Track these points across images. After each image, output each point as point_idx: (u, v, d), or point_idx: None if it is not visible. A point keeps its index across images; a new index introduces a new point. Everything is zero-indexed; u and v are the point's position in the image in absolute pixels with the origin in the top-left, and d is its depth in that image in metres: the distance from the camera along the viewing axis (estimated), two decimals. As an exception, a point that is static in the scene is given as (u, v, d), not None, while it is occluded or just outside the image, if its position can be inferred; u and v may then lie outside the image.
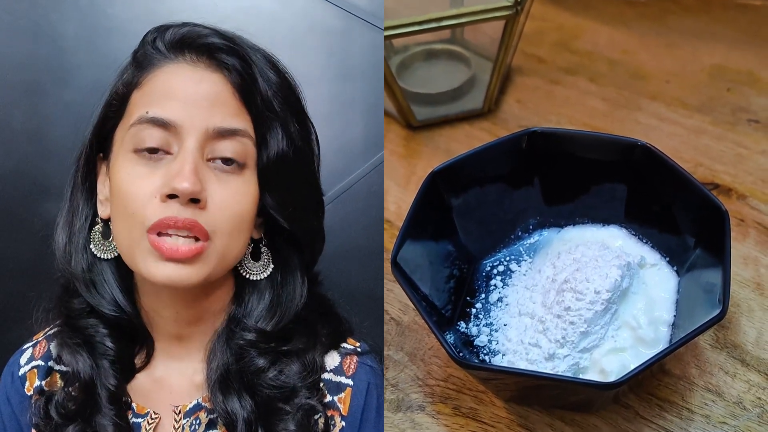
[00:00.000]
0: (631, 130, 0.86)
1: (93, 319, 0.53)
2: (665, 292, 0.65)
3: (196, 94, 0.49)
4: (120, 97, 0.51)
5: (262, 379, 0.51)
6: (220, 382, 0.51)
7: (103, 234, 0.53)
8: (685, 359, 0.66)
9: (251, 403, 0.50)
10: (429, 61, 0.97)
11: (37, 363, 0.56)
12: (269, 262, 0.54)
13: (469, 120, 0.92)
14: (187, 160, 0.48)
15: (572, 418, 0.63)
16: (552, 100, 0.93)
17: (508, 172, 0.71)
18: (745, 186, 0.79)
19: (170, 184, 0.47)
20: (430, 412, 0.65)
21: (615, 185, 0.70)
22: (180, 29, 0.51)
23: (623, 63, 0.97)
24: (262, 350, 0.52)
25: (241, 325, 0.52)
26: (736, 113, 0.88)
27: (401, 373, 0.67)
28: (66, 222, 0.54)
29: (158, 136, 0.49)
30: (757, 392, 0.63)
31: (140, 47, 0.52)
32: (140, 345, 0.54)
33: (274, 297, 0.53)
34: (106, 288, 0.53)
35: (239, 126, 0.50)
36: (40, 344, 0.57)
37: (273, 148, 0.51)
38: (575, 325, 0.61)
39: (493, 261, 0.72)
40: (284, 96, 0.52)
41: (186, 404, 0.53)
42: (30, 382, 0.56)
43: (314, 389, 0.52)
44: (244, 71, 0.50)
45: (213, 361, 0.52)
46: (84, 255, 0.53)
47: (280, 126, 0.51)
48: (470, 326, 0.67)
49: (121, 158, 0.50)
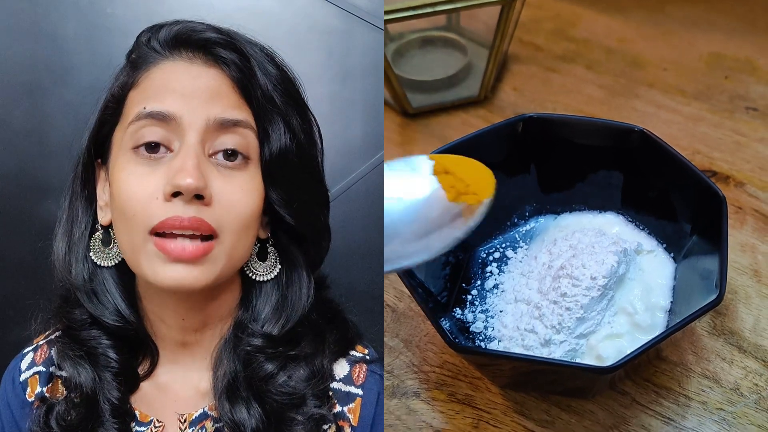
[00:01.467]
0: (628, 117, 0.86)
1: (95, 331, 0.52)
2: (662, 278, 0.65)
3: (194, 88, 0.48)
4: (116, 99, 0.50)
5: (271, 385, 0.49)
6: (227, 390, 0.49)
7: (103, 241, 0.52)
8: (683, 346, 0.65)
9: (260, 411, 0.49)
10: (425, 48, 0.97)
11: (39, 369, 0.55)
12: (276, 262, 0.52)
13: (464, 107, 0.91)
14: (189, 156, 0.46)
15: (568, 404, 0.63)
16: (549, 88, 0.92)
17: (503, 159, 0.70)
18: (743, 173, 0.79)
19: (173, 182, 0.46)
20: (425, 399, 0.64)
21: (611, 172, 0.69)
22: (174, 26, 0.50)
23: (620, 51, 0.96)
24: (269, 355, 0.50)
25: (247, 331, 0.50)
26: (733, 101, 0.87)
27: (396, 359, 0.67)
28: (65, 231, 0.52)
29: (158, 131, 0.47)
30: (754, 379, 0.63)
31: (134, 48, 0.51)
32: (144, 354, 0.53)
33: (280, 297, 0.51)
34: (108, 297, 0.51)
35: (240, 117, 0.48)
36: (41, 348, 0.56)
37: (276, 142, 0.49)
38: (571, 311, 0.61)
39: (489, 248, 0.71)
40: (284, 89, 0.51)
41: (192, 413, 0.51)
42: (32, 388, 0.54)
43: (324, 398, 0.50)
44: (243, 65, 0.49)
45: (220, 369, 0.50)
46: (84, 264, 0.51)
47: (281, 119, 0.50)
48: (466, 313, 0.66)
49: (121, 159, 0.48)
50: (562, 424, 0.62)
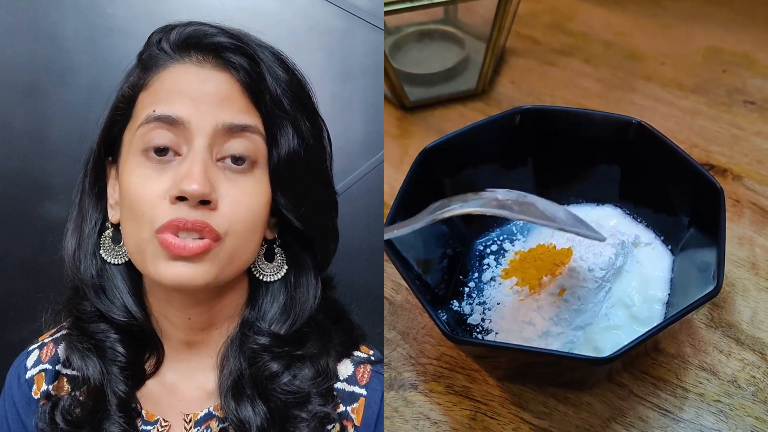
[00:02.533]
0: (626, 110, 0.85)
1: (103, 324, 0.52)
2: (660, 270, 0.65)
3: (203, 92, 0.48)
4: (126, 100, 0.50)
5: (275, 384, 0.50)
6: (232, 388, 0.50)
7: (113, 239, 0.52)
8: (680, 338, 0.65)
9: (265, 409, 0.49)
10: (422, 41, 0.96)
11: (45, 366, 0.55)
12: (283, 263, 0.52)
13: (462, 101, 0.91)
14: (197, 161, 0.47)
15: (566, 396, 0.62)
16: (546, 81, 0.92)
17: (501, 153, 0.70)
18: (741, 167, 0.79)
19: (179, 186, 0.46)
20: (422, 391, 0.64)
21: (609, 164, 0.69)
22: (185, 29, 0.50)
23: (618, 44, 0.96)
24: (275, 354, 0.50)
25: (254, 329, 0.51)
26: (731, 94, 0.87)
27: (394, 351, 0.67)
28: (75, 228, 0.53)
29: (166, 134, 0.48)
30: (751, 371, 0.63)
31: (145, 49, 0.51)
32: (150, 351, 0.53)
33: (288, 299, 0.52)
34: (117, 294, 0.52)
35: (249, 122, 0.49)
36: (47, 346, 0.56)
37: (284, 147, 0.50)
38: (569, 302, 0.61)
39: (487, 240, 0.71)
40: (294, 94, 0.51)
41: (197, 413, 0.52)
42: (37, 386, 0.54)
43: (328, 397, 0.50)
44: (252, 70, 0.49)
45: (225, 367, 0.50)
46: (93, 261, 0.52)
47: (290, 124, 0.50)
48: (463, 305, 0.66)
49: (130, 160, 0.49)
50: (560, 416, 0.61)
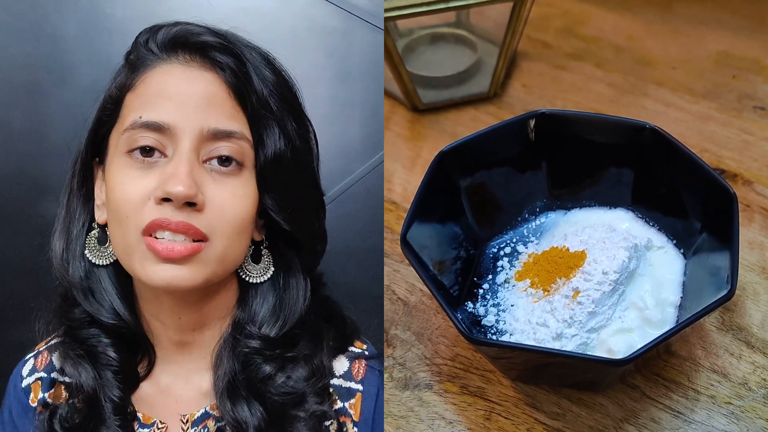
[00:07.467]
0: (636, 115, 0.86)
1: (94, 329, 0.52)
2: (672, 273, 0.65)
3: (189, 94, 0.48)
4: (114, 101, 0.51)
5: (270, 385, 0.50)
6: (228, 389, 0.50)
7: (99, 240, 0.52)
8: (691, 341, 0.66)
9: (261, 409, 0.49)
10: (434, 44, 0.97)
11: (40, 375, 0.55)
12: (270, 265, 0.53)
13: (474, 104, 0.92)
14: (182, 163, 0.47)
15: (579, 397, 0.63)
16: (558, 85, 0.93)
17: (515, 156, 0.71)
18: (751, 172, 0.80)
19: (164, 188, 0.46)
20: (437, 391, 0.65)
21: (622, 168, 0.70)
22: (172, 29, 0.50)
23: (629, 49, 0.97)
24: (267, 357, 0.51)
25: (245, 333, 0.51)
26: (741, 100, 0.88)
27: (408, 352, 0.68)
28: (63, 229, 0.53)
29: (152, 138, 0.48)
30: (762, 374, 0.63)
31: (133, 49, 0.51)
32: (142, 354, 0.53)
33: (277, 301, 0.52)
34: (105, 296, 0.52)
35: (234, 128, 0.49)
36: (42, 355, 0.56)
37: (270, 148, 0.50)
38: (583, 305, 0.61)
39: (500, 243, 0.72)
40: (281, 94, 0.51)
41: (194, 413, 0.52)
42: (34, 394, 0.55)
43: (324, 394, 0.51)
44: (239, 69, 0.49)
45: (219, 369, 0.51)
46: (81, 262, 0.52)
47: (276, 125, 0.50)
48: (477, 306, 0.67)
49: (116, 162, 0.49)
50: (573, 417, 0.62)
